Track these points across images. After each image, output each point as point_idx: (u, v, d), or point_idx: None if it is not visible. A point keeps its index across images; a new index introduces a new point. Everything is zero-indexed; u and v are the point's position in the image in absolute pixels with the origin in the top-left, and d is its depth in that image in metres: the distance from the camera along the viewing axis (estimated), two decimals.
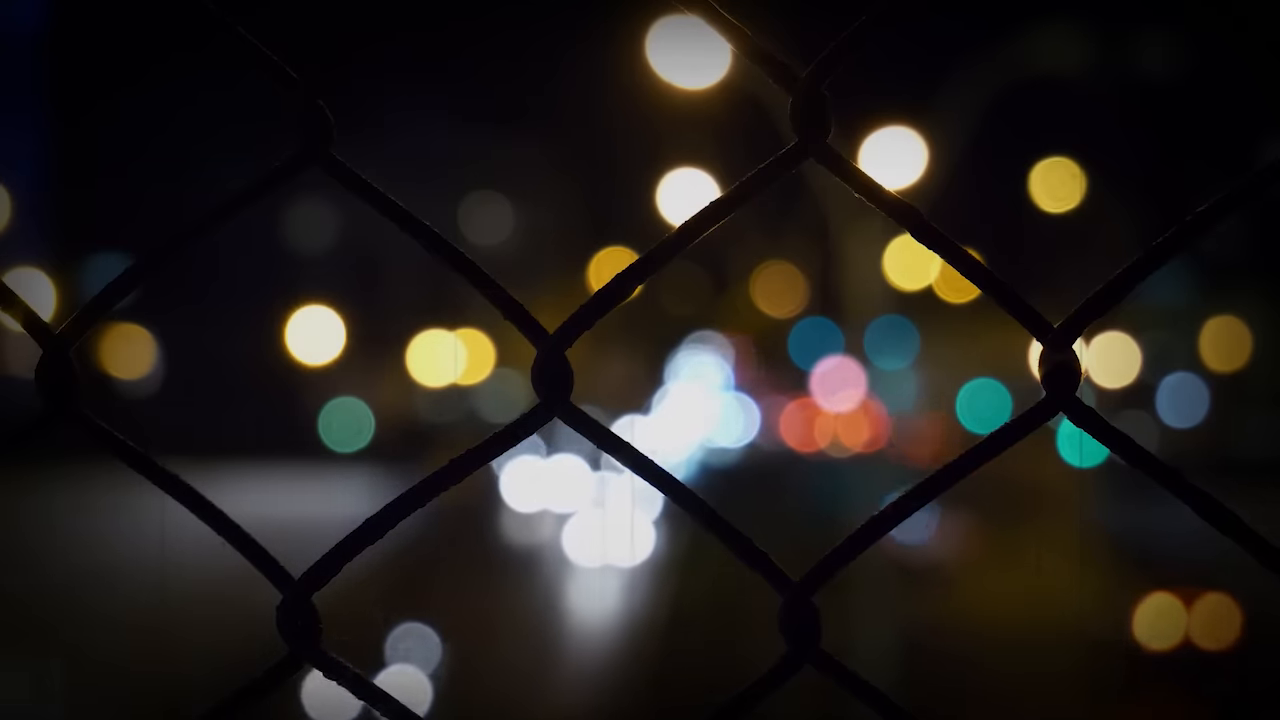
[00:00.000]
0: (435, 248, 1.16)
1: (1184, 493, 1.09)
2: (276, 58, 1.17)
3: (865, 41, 1.11)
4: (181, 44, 25.76)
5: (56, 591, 12.71)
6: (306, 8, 17.13)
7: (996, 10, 25.64)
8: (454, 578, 12.66)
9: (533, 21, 31.81)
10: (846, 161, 1.11)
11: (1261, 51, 24.21)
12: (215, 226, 1.19)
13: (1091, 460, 17.88)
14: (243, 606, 4.17)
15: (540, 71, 33.20)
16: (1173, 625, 12.55)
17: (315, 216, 31.96)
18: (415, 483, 1.16)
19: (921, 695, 9.35)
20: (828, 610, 1.13)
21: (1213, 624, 12.55)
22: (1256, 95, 27.62)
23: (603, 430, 1.14)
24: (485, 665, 11.16)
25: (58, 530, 16.37)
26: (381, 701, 1.18)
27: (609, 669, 11.13)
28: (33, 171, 32.66)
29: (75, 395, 1.21)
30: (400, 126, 30.99)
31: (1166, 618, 12.71)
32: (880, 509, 1.13)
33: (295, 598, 1.19)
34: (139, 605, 12.22)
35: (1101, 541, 15.91)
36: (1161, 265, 1.11)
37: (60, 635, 10.79)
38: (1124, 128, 28.74)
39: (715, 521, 1.12)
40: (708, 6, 1.09)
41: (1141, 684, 11.07)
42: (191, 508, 1.21)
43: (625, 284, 1.14)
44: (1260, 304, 30.26)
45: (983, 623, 12.68)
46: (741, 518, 1.15)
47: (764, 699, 1.13)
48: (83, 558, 14.71)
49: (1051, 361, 1.10)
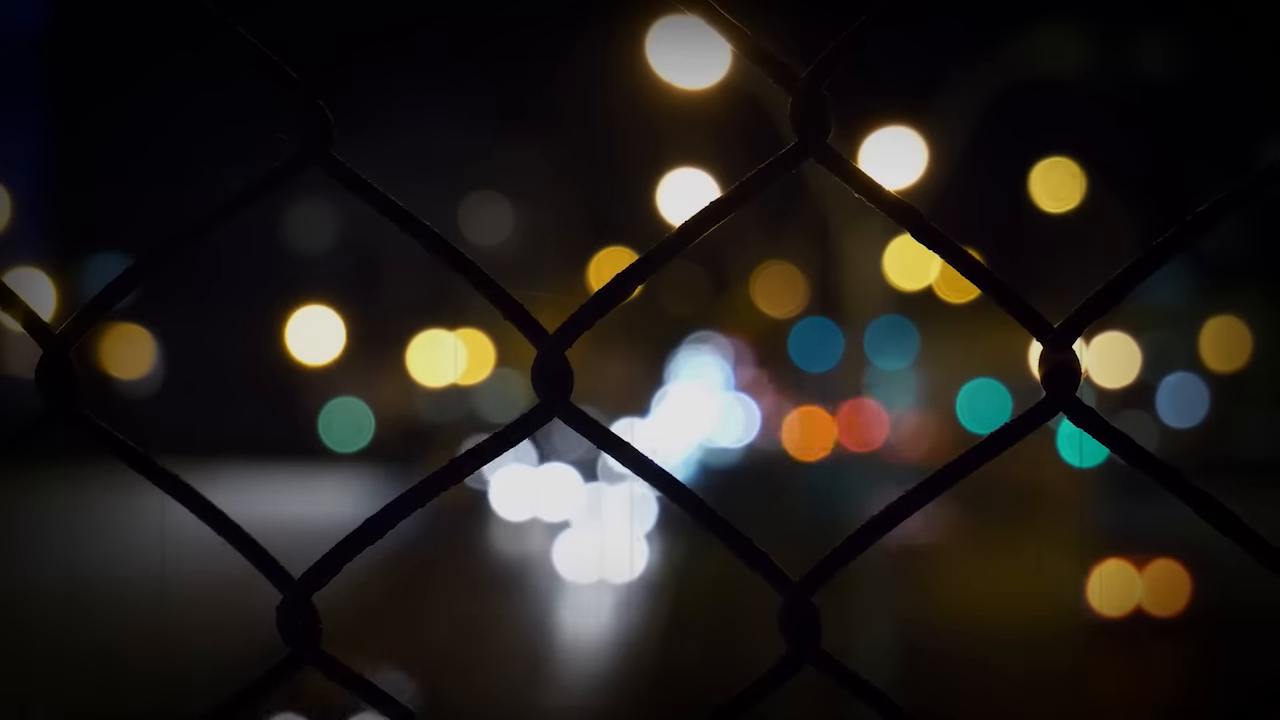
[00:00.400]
0: (435, 248, 1.16)
1: (1184, 493, 1.09)
2: (276, 58, 1.17)
3: (865, 41, 1.11)
4: (182, 44, 25.76)
5: (56, 591, 12.71)
6: (306, 8, 17.13)
7: (996, 10, 25.65)
8: (442, 586, 12.60)
9: (533, 21, 31.83)
10: (846, 161, 1.11)
11: (1262, 51, 24.21)
12: (215, 227, 1.19)
13: (1091, 460, 17.88)
14: (243, 607, 4.17)
15: (540, 71, 33.21)
16: (1129, 593, 13.05)
17: (315, 216, 31.96)
18: (415, 483, 1.17)
19: (921, 695, 9.35)
20: (828, 610, 1.13)
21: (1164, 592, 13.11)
22: (1256, 95, 27.62)
23: (603, 430, 1.14)
24: (483, 667, 11.16)
25: (57, 530, 16.37)
26: (382, 702, 1.18)
27: (608, 669, 11.13)
28: (33, 172, 32.67)
29: (75, 395, 1.21)
30: (401, 126, 31.00)
31: (1124, 584, 13.17)
32: (880, 509, 1.13)
33: (295, 598, 1.19)
34: (139, 606, 12.22)
35: (1100, 541, 15.92)
36: (1161, 265, 1.11)
37: (60, 635, 10.79)
38: (1124, 128, 28.74)
39: (715, 522, 1.12)
40: (708, 6, 1.09)
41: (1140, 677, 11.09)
42: (191, 508, 1.21)
43: (625, 284, 1.14)
44: (1260, 304, 30.27)
45: (983, 623, 12.69)
46: (741, 518, 1.15)
47: (764, 699, 1.13)
48: (82, 558, 14.72)
49: (1051, 361, 1.10)
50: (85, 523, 16.82)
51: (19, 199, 31.16)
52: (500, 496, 21.20)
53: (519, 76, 34.19)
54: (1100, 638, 12.32)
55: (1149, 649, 11.93)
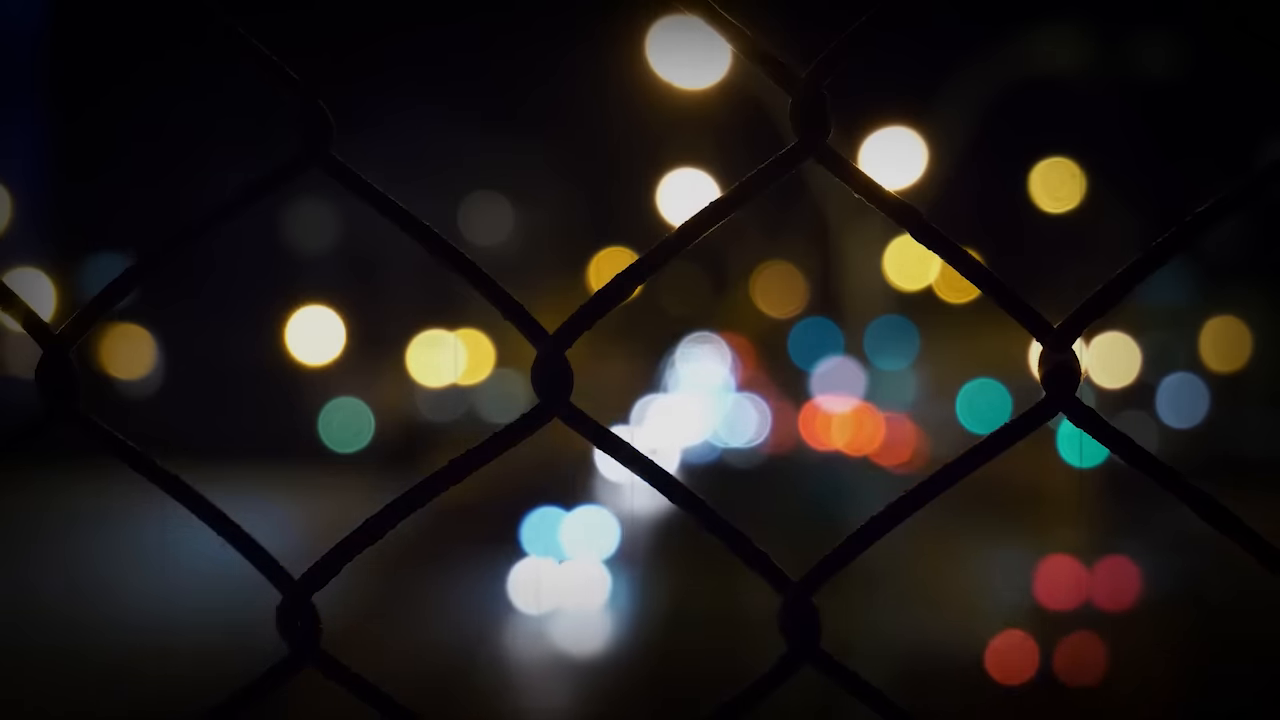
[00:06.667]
0: (435, 248, 1.16)
1: (1184, 493, 1.09)
2: (276, 58, 1.17)
3: (865, 41, 1.11)
4: (182, 44, 25.77)
5: (55, 592, 12.71)
6: (306, 8, 17.13)
7: (996, 10, 25.66)
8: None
9: (533, 21, 31.83)
10: (846, 162, 1.11)
11: (1262, 51, 24.22)
12: (215, 227, 1.20)
13: (1091, 460, 17.88)
14: (243, 607, 4.17)
15: (541, 71, 33.21)
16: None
17: (315, 216, 31.96)
18: (415, 483, 1.17)
19: (921, 695, 9.36)
20: (828, 610, 1.13)
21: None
22: (1257, 95, 27.63)
23: (602, 430, 1.14)
24: (482, 667, 11.16)
25: (56, 530, 16.37)
26: (382, 702, 1.19)
27: (608, 669, 11.13)
28: (33, 171, 32.67)
29: (75, 395, 1.21)
30: (400, 126, 31.00)
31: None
32: (881, 509, 1.13)
33: (295, 598, 1.19)
34: (138, 605, 12.23)
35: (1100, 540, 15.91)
36: (1161, 265, 1.11)
37: (59, 636, 10.79)
38: (1124, 128, 28.75)
39: (715, 522, 1.12)
40: (708, 7, 1.09)
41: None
42: (191, 508, 1.22)
43: (625, 284, 1.14)
44: (1260, 304, 30.26)
45: (983, 623, 12.68)
46: (740, 518, 1.15)
47: (764, 699, 1.14)
48: (81, 558, 14.72)
49: (1051, 362, 1.10)
50: (85, 523, 16.82)
51: (19, 199, 31.17)
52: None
53: (520, 76, 34.20)
54: (1097, 632, 12.33)
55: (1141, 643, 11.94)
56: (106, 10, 31.40)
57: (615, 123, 28.08)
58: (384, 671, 1.84)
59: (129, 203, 29.49)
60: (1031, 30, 19.49)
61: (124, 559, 14.94)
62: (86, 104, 32.74)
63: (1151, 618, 12.58)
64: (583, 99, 30.04)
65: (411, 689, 8.85)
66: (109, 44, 31.47)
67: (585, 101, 30.41)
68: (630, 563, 14.32)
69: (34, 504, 17.06)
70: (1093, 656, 11.45)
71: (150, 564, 13.86)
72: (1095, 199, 27.60)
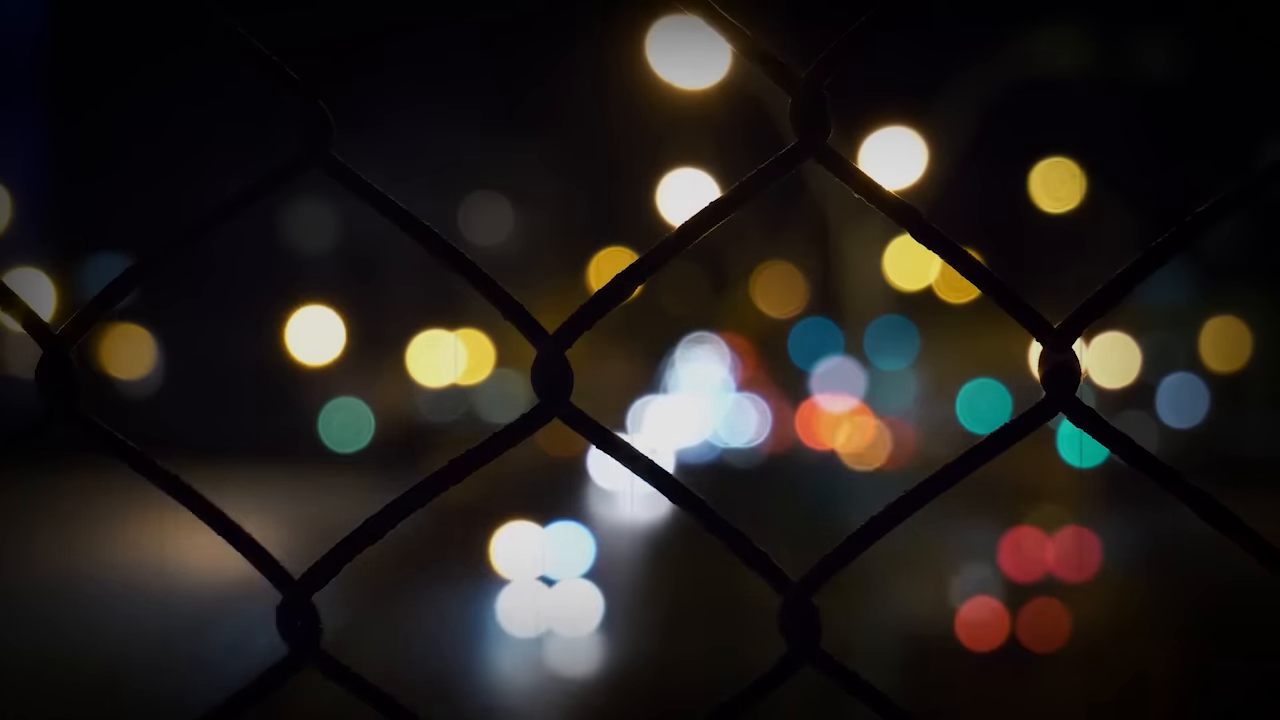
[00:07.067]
0: (435, 248, 1.16)
1: (1184, 493, 1.09)
2: (276, 58, 1.17)
3: (865, 41, 1.11)
4: (182, 44, 25.77)
5: (55, 591, 12.70)
6: (306, 8, 17.12)
7: (996, 10, 25.66)
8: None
9: (533, 21, 31.82)
10: (846, 161, 1.11)
11: (1262, 51, 24.22)
12: (216, 227, 1.20)
13: (1091, 460, 17.88)
14: (243, 607, 4.18)
15: (541, 71, 33.20)
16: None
17: (315, 216, 31.95)
18: (415, 483, 1.17)
19: (921, 695, 9.36)
20: (828, 610, 1.13)
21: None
22: (1257, 95, 27.63)
23: (602, 431, 1.14)
24: (481, 668, 11.16)
25: (55, 530, 16.37)
26: (383, 702, 1.19)
27: (607, 669, 11.13)
28: (33, 171, 32.67)
29: (75, 395, 1.21)
30: (400, 126, 30.99)
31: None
32: (881, 509, 1.13)
33: (295, 598, 1.19)
34: (138, 605, 12.22)
35: None
36: (1161, 266, 1.11)
37: (59, 635, 10.78)
38: (1124, 128, 28.75)
39: (715, 522, 1.12)
40: (708, 7, 1.09)
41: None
42: (191, 508, 1.22)
43: (625, 284, 1.14)
44: (1260, 304, 30.26)
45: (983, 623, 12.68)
46: (740, 518, 1.15)
47: (764, 699, 1.14)
48: (81, 557, 14.71)
49: (1051, 362, 1.10)
50: (85, 523, 16.81)
51: (19, 199, 31.17)
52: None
53: (519, 76, 34.20)
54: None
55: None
56: (107, 12, 31.39)
57: (615, 122, 28.09)
58: (384, 672, 1.84)
59: (129, 204, 29.49)
60: (1031, 31, 19.50)
61: (123, 559, 14.94)
62: (87, 106, 32.74)
63: (1144, 616, 12.59)
64: (583, 99, 30.04)
65: (412, 690, 8.85)
66: (109, 46, 31.47)
67: (585, 101, 30.41)
68: (620, 574, 14.23)
69: (33, 504, 17.08)
70: (1056, 629, 11.60)
71: (150, 564, 13.85)
72: (1095, 199, 27.61)
